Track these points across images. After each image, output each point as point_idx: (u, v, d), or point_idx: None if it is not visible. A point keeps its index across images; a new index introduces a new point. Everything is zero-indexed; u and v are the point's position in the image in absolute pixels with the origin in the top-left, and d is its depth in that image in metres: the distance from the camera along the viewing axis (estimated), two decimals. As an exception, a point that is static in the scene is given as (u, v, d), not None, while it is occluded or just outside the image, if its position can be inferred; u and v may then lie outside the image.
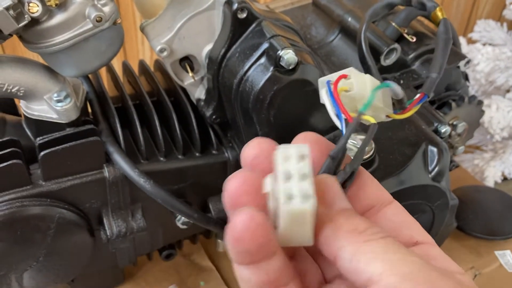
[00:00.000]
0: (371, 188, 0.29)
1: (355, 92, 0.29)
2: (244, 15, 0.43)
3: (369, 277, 0.22)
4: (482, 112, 0.65)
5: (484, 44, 0.98)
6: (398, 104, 0.32)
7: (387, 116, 0.34)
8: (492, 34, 1.02)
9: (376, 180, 0.29)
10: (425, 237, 0.28)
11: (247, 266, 0.25)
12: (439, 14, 0.43)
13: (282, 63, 0.41)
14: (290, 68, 0.41)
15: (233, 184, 0.26)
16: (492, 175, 0.94)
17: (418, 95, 0.35)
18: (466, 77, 0.64)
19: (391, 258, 0.23)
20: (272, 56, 0.41)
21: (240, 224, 0.23)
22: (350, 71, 0.30)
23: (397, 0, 0.46)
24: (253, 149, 0.27)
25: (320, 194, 0.24)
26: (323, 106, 0.44)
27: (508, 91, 0.94)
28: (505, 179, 1.02)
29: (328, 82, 0.29)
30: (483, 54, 0.89)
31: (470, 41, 1.06)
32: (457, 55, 0.58)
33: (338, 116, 0.28)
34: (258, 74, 0.42)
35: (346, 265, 0.24)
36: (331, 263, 0.25)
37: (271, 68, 0.42)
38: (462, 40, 1.01)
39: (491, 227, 0.69)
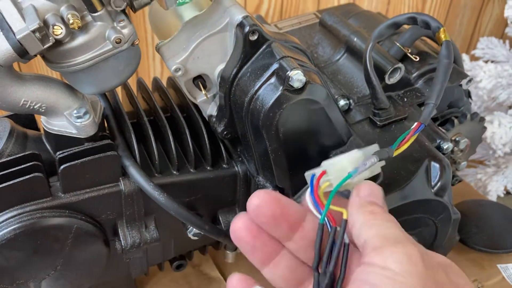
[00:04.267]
0: None
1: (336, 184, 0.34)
2: (255, 37, 0.45)
3: (364, 239, 0.31)
4: (484, 129, 0.66)
5: (486, 61, 1.00)
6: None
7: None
8: (495, 51, 1.04)
9: None
10: None
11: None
12: (442, 35, 0.45)
13: (291, 83, 0.43)
14: (299, 87, 0.43)
15: (236, 224, 0.35)
16: (494, 190, 0.95)
17: (414, 125, 0.38)
18: (468, 95, 0.66)
19: (381, 227, 0.32)
20: (282, 76, 0.43)
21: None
22: (327, 165, 0.35)
23: (402, 20, 0.48)
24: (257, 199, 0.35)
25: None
26: (329, 123, 0.46)
27: (510, 107, 0.96)
28: (507, 193, 1.03)
29: (311, 183, 0.35)
30: (486, 71, 0.90)
31: (473, 58, 1.08)
32: (459, 74, 0.60)
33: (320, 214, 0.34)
34: (268, 93, 0.44)
35: (356, 231, 0.32)
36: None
37: (281, 88, 0.44)
38: (465, 57, 1.03)
39: (494, 240, 0.70)
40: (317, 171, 0.36)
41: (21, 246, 0.45)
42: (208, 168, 0.53)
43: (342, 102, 0.54)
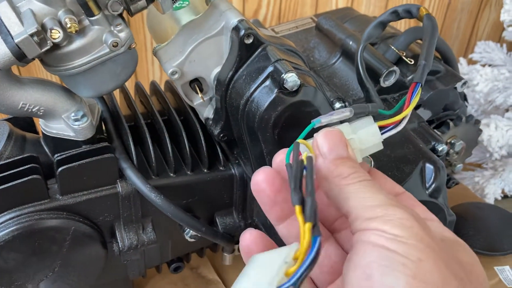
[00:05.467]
0: (385, 182, 0.36)
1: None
2: (250, 40, 0.46)
3: (346, 210, 0.30)
4: (480, 131, 0.67)
5: (484, 65, 1.00)
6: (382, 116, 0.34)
7: (389, 123, 0.36)
8: (492, 55, 1.04)
9: (388, 177, 0.36)
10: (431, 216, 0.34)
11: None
12: (423, 12, 0.46)
13: (286, 86, 0.44)
14: (293, 90, 0.44)
15: (259, 176, 0.33)
16: (492, 192, 0.96)
17: (411, 86, 0.37)
18: (464, 98, 0.67)
19: (361, 196, 0.30)
20: (277, 79, 0.44)
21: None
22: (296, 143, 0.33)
23: (386, 17, 0.49)
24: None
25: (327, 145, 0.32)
26: (324, 125, 0.46)
27: (507, 110, 0.96)
28: (505, 196, 1.03)
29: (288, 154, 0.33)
30: (482, 75, 0.91)
31: (471, 62, 1.09)
32: (454, 76, 0.60)
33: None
34: (263, 95, 0.45)
35: (334, 202, 0.31)
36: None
37: (275, 90, 0.44)
38: (462, 61, 1.03)
39: (491, 243, 0.71)
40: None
41: (19, 248, 0.46)
42: (205, 170, 0.53)
43: (337, 105, 0.54)
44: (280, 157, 0.34)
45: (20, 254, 0.46)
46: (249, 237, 0.33)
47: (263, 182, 0.33)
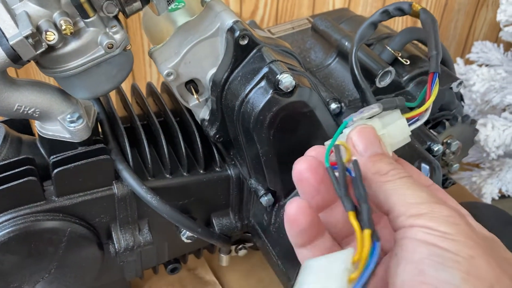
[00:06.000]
0: (413, 172, 0.36)
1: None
2: (245, 41, 0.46)
3: (388, 208, 0.29)
4: (476, 131, 0.67)
5: (481, 65, 1.00)
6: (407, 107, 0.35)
7: (414, 115, 0.36)
8: (489, 55, 1.04)
9: (414, 167, 0.36)
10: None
11: (305, 247, 0.33)
12: (416, 7, 0.46)
13: (281, 86, 0.44)
14: (288, 91, 0.44)
15: (302, 165, 0.33)
16: (489, 192, 0.96)
17: (429, 76, 0.38)
18: (461, 98, 0.67)
19: (404, 193, 0.29)
20: (272, 80, 0.44)
21: (291, 209, 0.31)
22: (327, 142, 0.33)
23: (377, 17, 0.49)
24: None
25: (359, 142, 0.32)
26: (319, 126, 0.47)
27: (503, 110, 0.96)
28: (502, 196, 1.03)
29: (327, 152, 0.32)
30: (479, 75, 0.91)
31: (468, 62, 1.09)
32: (449, 76, 0.60)
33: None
34: (258, 96, 0.45)
35: (373, 199, 0.30)
36: None
37: (271, 91, 0.44)
38: (459, 61, 1.04)
39: (488, 243, 0.71)
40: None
41: (15, 250, 0.46)
42: (201, 171, 0.54)
43: (333, 106, 0.54)
44: (312, 154, 0.34)
45: (16, 256, 0.46)
46: (296, 206, 0.32)
47: (307, 171, 0.33)
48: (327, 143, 0.33)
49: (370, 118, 0.34)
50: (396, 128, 0.35)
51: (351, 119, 0.33)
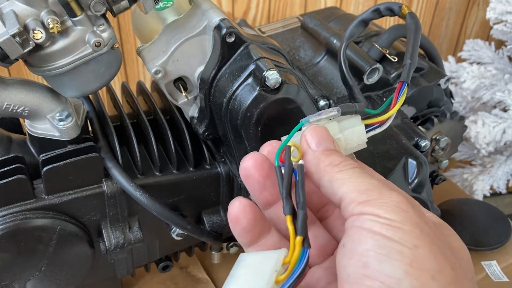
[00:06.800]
0: (372, 172, 0.35)
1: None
2: (232, 39, 0.46)
3: (340, 196, 0.30)
4: (465, 127, 0.68)
5: (472, 63, 1.01)
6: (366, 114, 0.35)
7: (375, 122, 0.36)
8: (480, 53, 1.05)
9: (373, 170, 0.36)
10: None
11: (252, 246, 0.33)
12: (405, 10, 0.47)
13: (267, 83, 0.44)
14: (275, 87, 0.45)
15: (248, 161, 0.33)
16: (480, 189, 0.97)
17: (397, 85, 0.38)
18: (450, 94, 0.67)
19: (355, 181, 0.30)
20: (258, 77, 0.45)
21: (233, 209, 0.32)
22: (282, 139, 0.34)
23: (368, 15, 0.50)
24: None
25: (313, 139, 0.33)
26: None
27: (494, 107, 0.97)
28: (494, 193, 1.04)
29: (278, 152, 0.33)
30: (469, 72, 0.92)
31: (460, 60, 1.09)
32: (437, 73, 0.61)
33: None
34: (245, 93, 0.45)
35: (325, 190, 0.31)
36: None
37: (257, 88, 0.45)
38: (451, 59, 1.04)
39: (478, 238, 0.71)
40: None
41: (5, 248, 0.46)
42: (191, 169, 0.54)
43: (322, 103, 0.55)
44: (267, 149, 0.35)
45: (6, 254, 0.46)
46: (238, 205, 0.33)
47: (252, 168, 0.33)
48: (282, 139, 0.34)
49: (329, 120, 0.35)
50: (353, 133, 0.35)
51: (307, 121, 0.34)
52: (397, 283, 0.26)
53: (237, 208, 0.32)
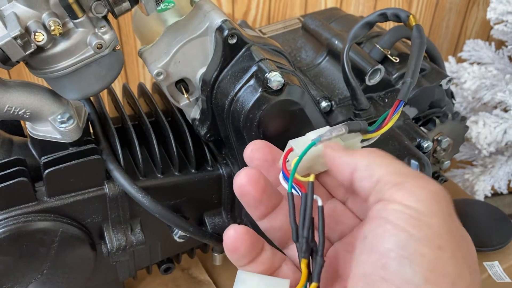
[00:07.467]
0: None
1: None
2: (234, 40, 0.46)
3: (377, 178, 0.29)
4: (466, 128, 0.67)
5: (472, 63, 1.01)
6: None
7: (367, 139, 0.37)
8: (481, 53, 1.05)
9: None
10: None
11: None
12: (412, 21, 0.46)
13: (270, 85, 0.44)
14: (277, 89, 0.44)
15: (242, 178, 0.34)
16: (482, 189, 0.96)
17: (394, 103, 0.38)
18: (451, 95, 0.67)
19: (394, 166, 0.30)
20: (260, 78, 0.44)
21: (228, 239, 0.32)
22: (290, 143, 0.35)
23: (374, 18, 0.49)
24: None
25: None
26: (308, 124, 0.47)
27: (495, 107, 0.97)
28: (495, 193, 1.04)
29: (281, 162, 0.34)
30: (470, 72, 0.92)
31: (460, 60, 1.09)
32: (439, 74, 0.61)
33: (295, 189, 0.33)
34: (247, 95, 0.45)
35: (361, 174, 0.30)
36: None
37: (260, 89, 0.45)
38: (451, 59, 1.04)
39: (480, 239, 0.71)
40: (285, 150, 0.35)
41: (7, 251, 0.46)
42: (193, 171, 0.54)
43: (324, 104, 0.55)
44: (251, 147, 0.35)
45: (8, 257, 0.46)
46: (233, 235, 0.32)
47: (248, 184, 0.33)
48: (293, 157, 0.34)
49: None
50: (352, 145, 0.37)
51: (318, 139, 0.34)
52: None
53: (233, 238, 0.32)
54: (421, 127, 0.61)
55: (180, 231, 0.53)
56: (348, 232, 0.35)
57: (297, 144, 0.35)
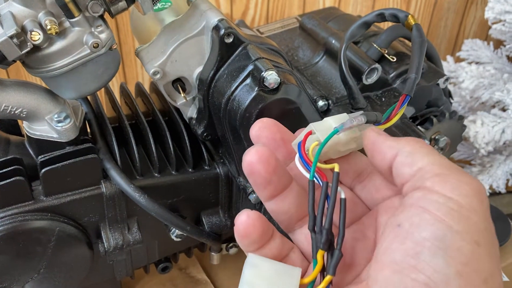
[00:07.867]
0: None
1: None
2: (230, 39, 0.46)
3: (419, 166, 0.28)
4: (464, 127, 0.67)
5: (471, 63, 1.01)
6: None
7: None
8: (479, 52, 1.05)
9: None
10: None
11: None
12: (411, 21, 0.46)
13: (266, 84, 0.44)
14: (274, 88, 0.44)
15: (252, 156, 0.32)
16: (480, 189, 0.96)
17: (400, 97, 0.38)
18: (449, 94, 0.67)
19: (439, 157, 0.29)
20: (257, 77, 0.44)
21: (240, 224, 0.31)
22: (311, 126, 0.34)
23: (371, 18, 0.49)
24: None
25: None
26: (305, 122, 0.47)
27: (493, 106, 0.97)
28: (493, 192, 1.04)
29: (299, 145, 0.33)
30: (467, 72, 0.92)
31: (458, 60, 1.09)
32: (436, 73, 0.61)
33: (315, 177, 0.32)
34: (244, 93, 0.45)
35: (403, 160, 0.29)
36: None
37: (256, 88, 0.45)
38: (449, 59, 1.04)
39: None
40: (303, 133, 0.34)
41: (3, 250, 0.46)
42: (190, 170, 0.54)
43: (321, 103, 0.55)
44: (258, 125, 0.35)
45: (4, 256, 0.46)
46: (246, 220, 0.31)
47: (258, 163, 0.31)
48: (310, 140, 0.33)
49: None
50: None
51: (342, 127, 0.33)
52: (445, 281, 0.25)
53: (245, 224, 0.31)
54: (419, 126, 0.61)
55: (177, 230, 0.53)
56: (357, 220, 0.34)
57: (318, 128, 0.34)
